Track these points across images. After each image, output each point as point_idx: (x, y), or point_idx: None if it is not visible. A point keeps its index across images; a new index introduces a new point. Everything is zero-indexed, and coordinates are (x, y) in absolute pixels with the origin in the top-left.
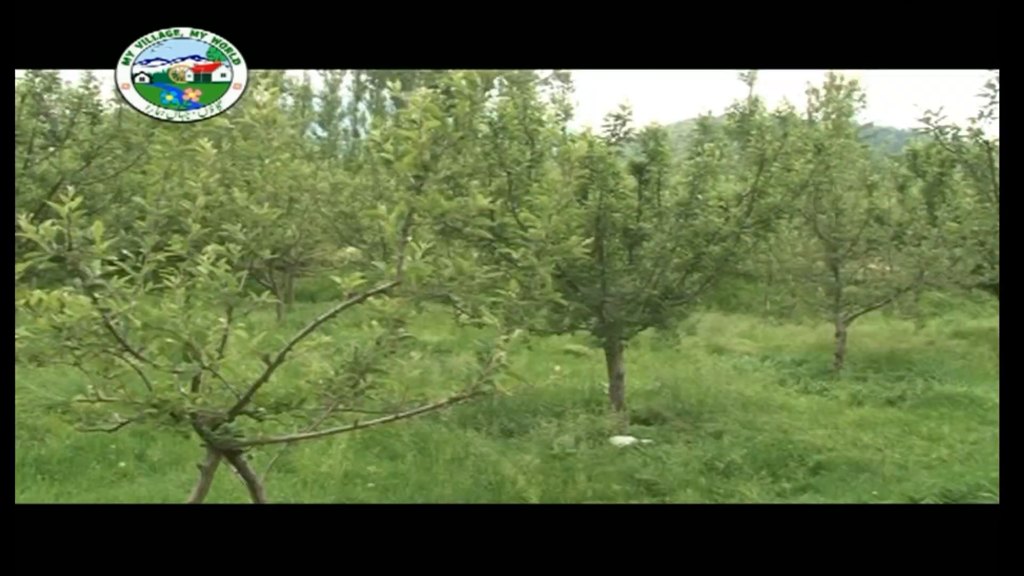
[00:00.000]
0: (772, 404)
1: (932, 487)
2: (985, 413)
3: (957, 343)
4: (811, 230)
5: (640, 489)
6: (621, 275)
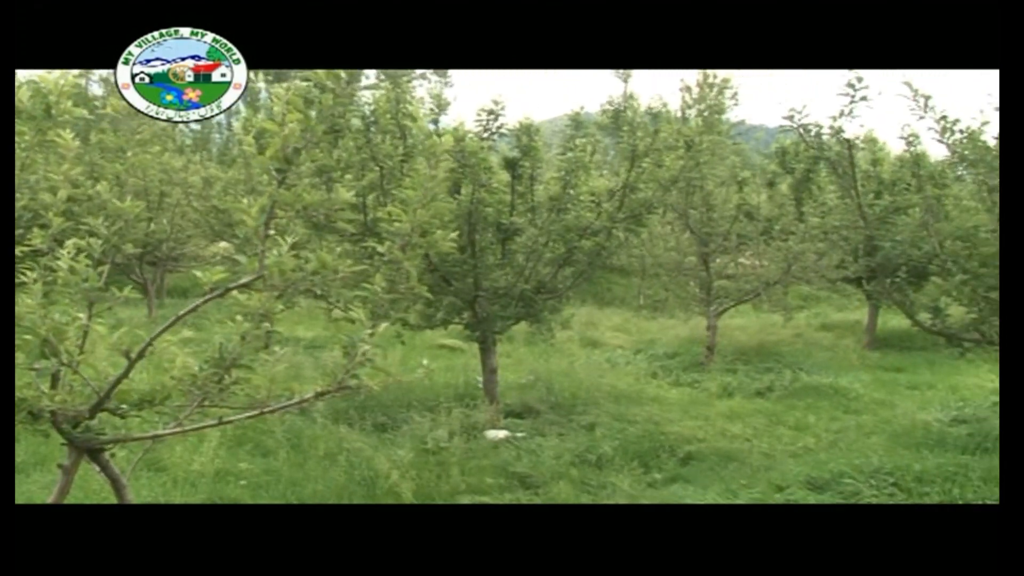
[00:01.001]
0: (644, 396)
1: (798, 475)
2: (849, 403)
3: (824, 335)
4: (683, 225)
5: (514, 482)
6: (494, 269)
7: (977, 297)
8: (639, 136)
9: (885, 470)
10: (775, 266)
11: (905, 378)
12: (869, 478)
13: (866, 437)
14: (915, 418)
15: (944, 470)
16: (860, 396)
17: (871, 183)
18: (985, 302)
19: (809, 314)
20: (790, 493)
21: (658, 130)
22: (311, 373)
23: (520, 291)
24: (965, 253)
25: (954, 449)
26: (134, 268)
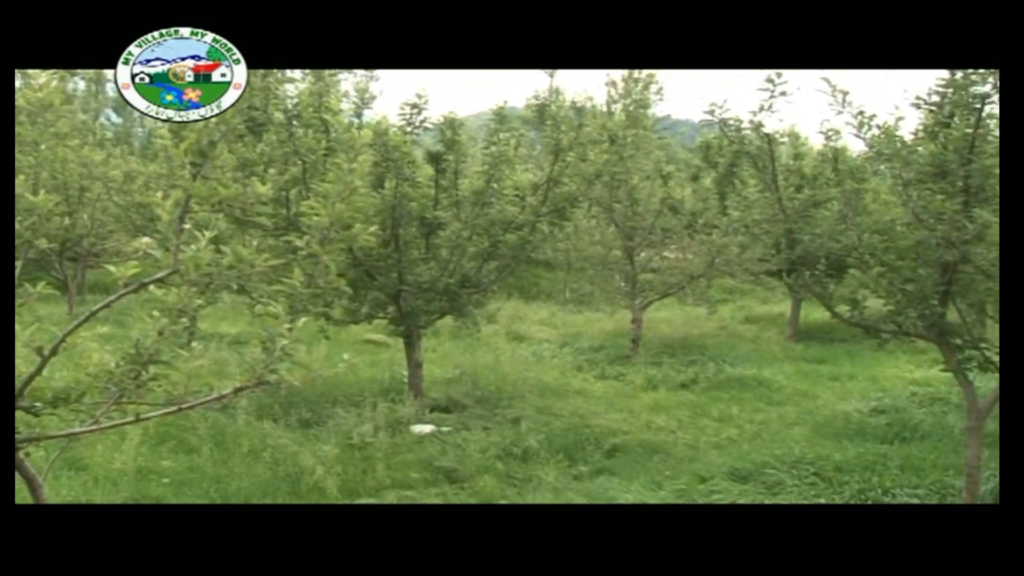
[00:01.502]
0: (570, 390)
1: (721, 466)
2: (772, 395)
3: (748, 328)
4: (608, 219)
5: (439, 476)
6: (418, 264)
7: (894, 289)
8: (563, 130)
9: (806, 460)
10: (699, 260)
11: (827, 369)
12: (791, 468)
13: (788, 428)
14: (836, 409)
15: (864, 459)
16: (783, 387)
17: (793, 177)
18: (902, 294)
19: (733, 307)
20: (714, 484)
21: (582, 124)
22: (236, 369)
23: (444, 285)
24: (882, 246)
25: (873, 439)
26: (53, 264)
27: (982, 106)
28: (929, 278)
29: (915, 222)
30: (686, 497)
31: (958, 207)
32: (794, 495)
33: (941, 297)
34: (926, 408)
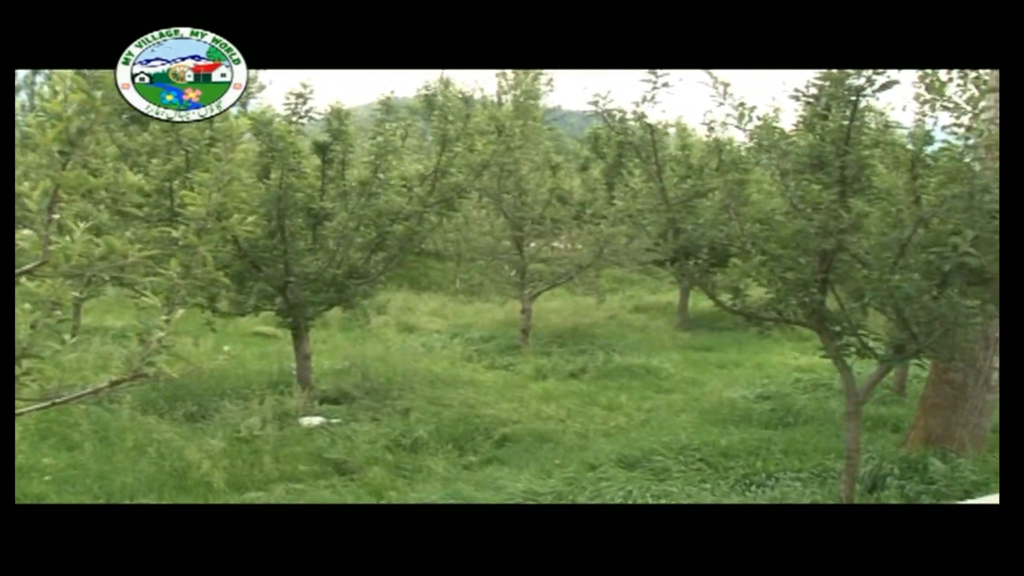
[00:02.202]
0: (460, 380)
1: (610, 454)
2: (660, 383)
3: (637, 317)
4: (497, 210)
5: (328, 468)
6: (304, 255)
7: (775, 277)
8: (450, 121)
9: (693, 446)
10: (588, 250)
11: (714, 357)
12: (678, 454)
13: (676, 415)
14: (722, 396)
15: (749, 445)
16: (671, 375)
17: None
18: (782, 282)
19: (623, 296)
20: (603, 471)
21: (470, 115)
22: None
23: (331, 276)
24: (764, 235)
25: (758, 424)
26: None
27: (857, 99)
28: (808, 266)
29: (793, 212)
30: (575, 485)
31: (835, 197)
32: (680, 481)
33: (820, 285)
34: (809, 394)
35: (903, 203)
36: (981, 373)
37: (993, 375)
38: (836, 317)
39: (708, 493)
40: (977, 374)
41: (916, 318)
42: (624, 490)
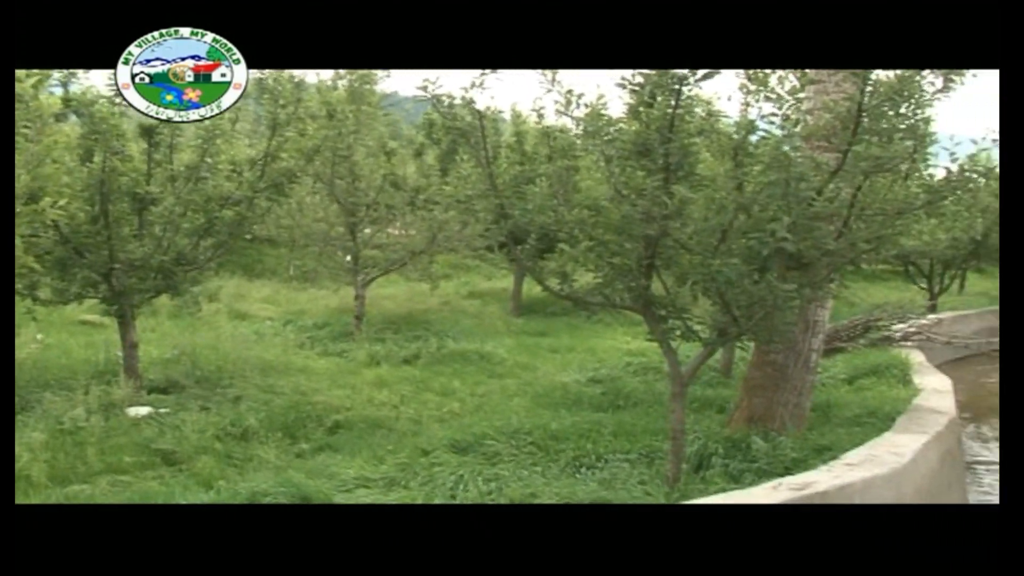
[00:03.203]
0: (292, 367)
1: (443, 439)
2: (494, 368)
3: (471, 303)
4: (330, 196)
5: (156, 459)
6: (130, 241)
7: (602, 263)
8: (281, 105)
9: (525, 430)
10: (421, 236)
11: (547, 342)
12: (510, 438)
13: (509, 400)
14: (555, 380)
15: (580, 427)
16: (504, 361)
17: (515, 155)
18: (609, 267)
19: (458, 283)
20: (435, 457)
21: (301, 99)
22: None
23: (158, 263)
24: (591, 221)
25: (589, 407)
26: None
27: (680, 87)
28: (634, 252)
29: (618, 198)
30: (408, 471)
31: (659, 183)
32: (512, 464)
33: (646, 270)
34: (639, 377)
35: (726, 190)
36: (801, 355)
37: (812, 357)
38: (661, 301)
39: (539, 476)
40: (797, 356)
41: (737, 302)
42: (456, 475)
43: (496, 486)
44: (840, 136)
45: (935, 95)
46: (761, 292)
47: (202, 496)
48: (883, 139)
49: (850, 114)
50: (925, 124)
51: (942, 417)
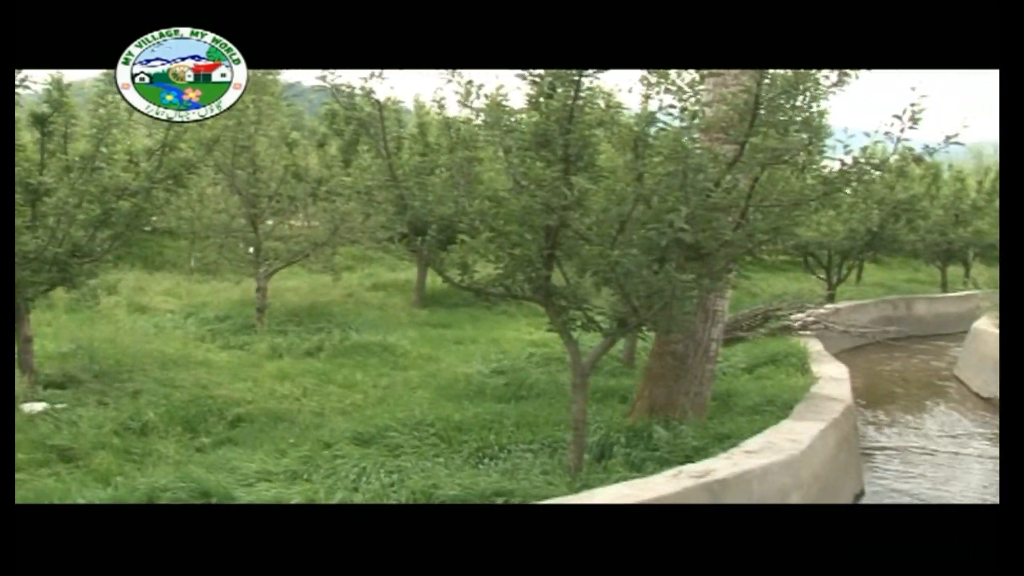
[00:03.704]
0: (193, 361)
1: (345, 431)
2: (397, 360)
3: (375, 295)
4: (231, 187)
5: (52, 456)
6: (22, 232)
7: (503, 254)
8: None
9: (427, 422)
10: (323, 227)
11: (451, 334)
12: (413, 430)
13: (412, 391)
14: (458, 371)
15: (482, 419)
16: (408, 352)
17: (418, 145)
18: (510, 258)
19: (362, 274)
20: (338, 449)
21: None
22: None
23: (53, 255)
24: (492, 212)
25: (492, 398)
26: None
27: (580, 78)
28: (535, 242)
29: (517, 188)
30: (310, 463)
31: (558, 174)
32: (414, 456)
33: (546, 260)
34: (543, 368)
35: (626, 181)
36: (701, 344)
37: (712, 346)
38: (562, 292)
39: (441, 467)
40: (697, 345)
41: (636, 292)
42: (358, 467)
43: (398, 478)
44: (738, 128)
45: (829, 89)
46: (660, 282)
47: (100, 494)
48: (779, 131)
49: (747, 106)
50: (820, 117)
51: (839, 404)
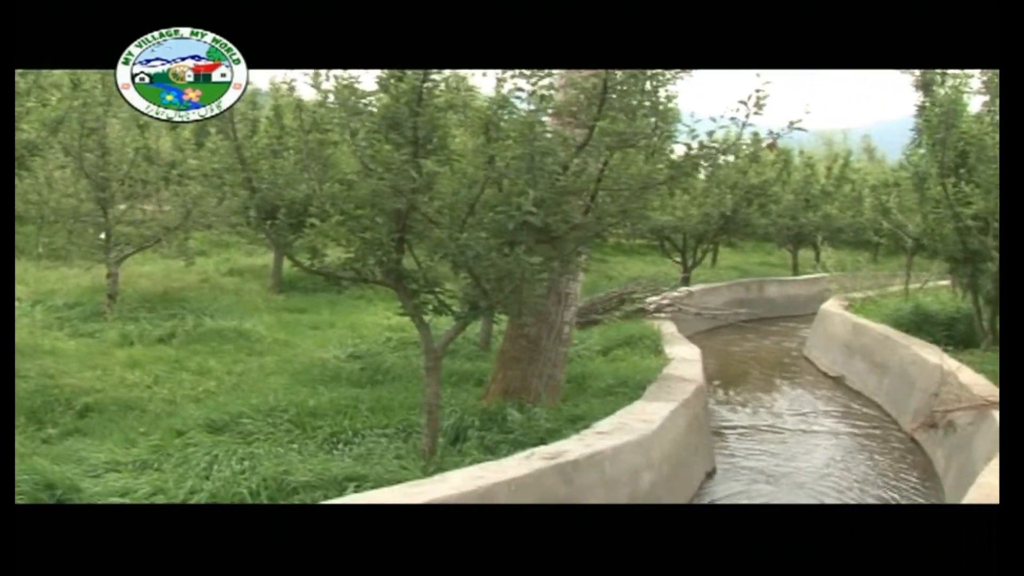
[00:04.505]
0: (40, 350)
1: (198, 419)
2: (252, 345)
3: (231, 280)
4: (79, 170)
5: None
6: None
7: (353, 237)
8: (20, 73)
9: (281, 407)
10: (175, 211)
11: (308, 319)
12: (266, 417)
13: (267, 377)
14: (314, 356)
15: (337, 404)
16: (263, 338)
17: (274, 128)
18: (361, 242)
19: (217, 259)
20: (190, 437)
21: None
22: None
23: None
24: (342, 196)
25: (348, 383)
26: None
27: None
28: (385, 226)
29: (366, 171)
30: (161, 452)
31: (407, 157)
32: (268, 442)
33: (397, 244)
34: (399, 352)
35: (477, 165)
36: (554, 327)
37: (565, 329)
38: (413, 276)
39: (295, 453)
40: (550, 328)
41: (487, 275)
42: (210, 455)
43: (250, 465)
44: (587, 112)
45: (676, 75)
46: (509, 265)
47: None
48: (628, 116)
49: (596, 90)
50: (668, 102)
51: (689, 385)
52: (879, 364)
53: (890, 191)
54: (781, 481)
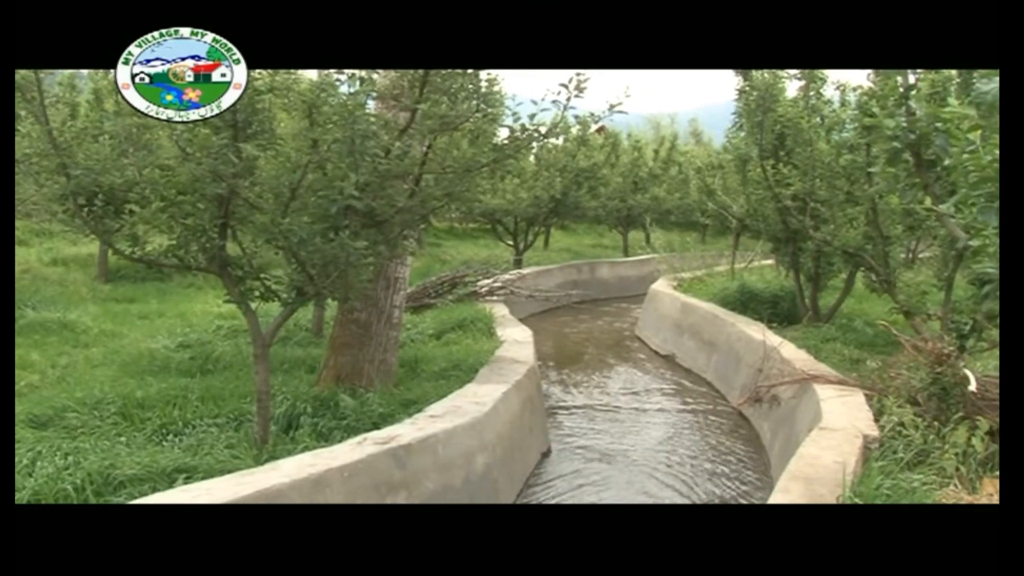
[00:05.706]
0: None
1: (20, 414)
2: (78, 337)
3: (55, 270)
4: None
5: None
6: None
7: (175, 224)
8: None
9: (108, 400)
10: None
11: (136, 308)
12: (92, 410)
13: (94, 369)
14: (143, 347)
15: (167, 394)
16: (89, 329)
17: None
18: (183, 228)
19: (40, 249)
20: None
21: None
22: None
23: None
24: (164, 181)
25: (178, 373)
26: None
27: None
28: (207, 211)
29: (184, 156)
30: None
31: (226, 141)
32: (94, 436)
33: (220, 230)
34: (230, 340)
35: (300, 148)
36: (384, 312)
37: (395, 313)
38: (238, 262)
39: (122, 446)
40: (380, 313)
41: (311, 260)
42: (33, 451)
43: (74, 460)
44: (409, 95)
45: None
46: (334, 250)
47: None
48: (450, 99)
49: (417, 73)
50: (491, 85)
51: (522, 367)
52: (707, 342)
53: (715, 173)
54: (616, 459)
